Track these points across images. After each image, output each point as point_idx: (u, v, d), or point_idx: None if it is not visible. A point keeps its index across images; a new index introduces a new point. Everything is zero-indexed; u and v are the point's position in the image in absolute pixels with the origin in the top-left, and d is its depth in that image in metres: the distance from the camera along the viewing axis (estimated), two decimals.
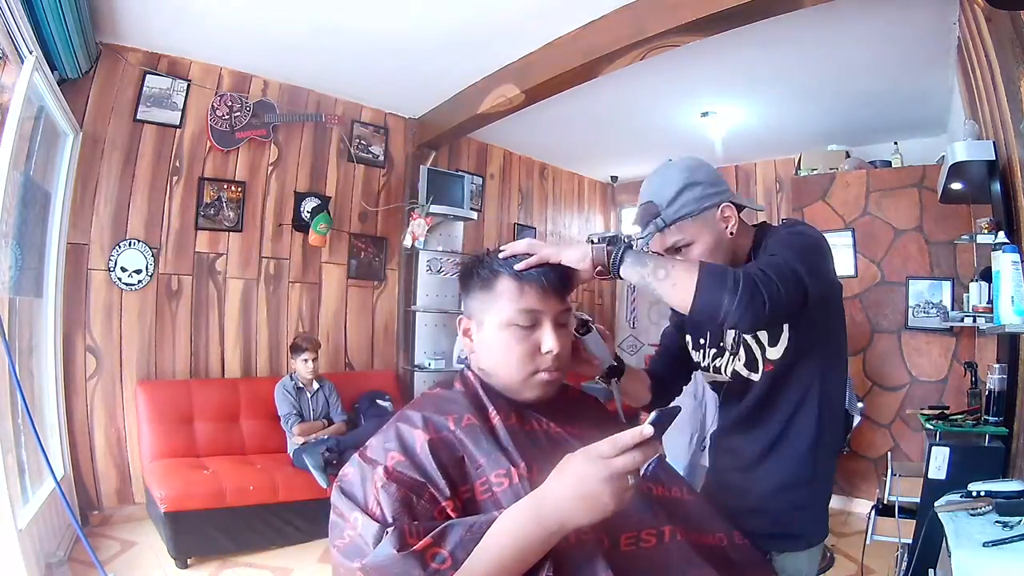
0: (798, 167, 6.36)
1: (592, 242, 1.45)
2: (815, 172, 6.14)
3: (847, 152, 6.19)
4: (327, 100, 5.85)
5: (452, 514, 1.13)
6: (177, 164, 5.04)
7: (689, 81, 5.20)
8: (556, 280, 1.37)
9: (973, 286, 3.61)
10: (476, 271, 1.41)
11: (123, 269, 4.78)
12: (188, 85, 5.06)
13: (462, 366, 1.46)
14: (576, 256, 1.42)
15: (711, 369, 1.86)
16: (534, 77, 4.80)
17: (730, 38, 3.85)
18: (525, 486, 1.14)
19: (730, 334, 1.76)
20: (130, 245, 4.81)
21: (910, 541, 3.01)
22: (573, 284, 1.43)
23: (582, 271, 1.43)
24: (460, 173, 6.53)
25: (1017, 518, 1.99)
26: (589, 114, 5.98)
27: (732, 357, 1.77)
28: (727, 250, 1.70)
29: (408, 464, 1.17)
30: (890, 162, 5.89)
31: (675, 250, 1.68)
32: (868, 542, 4.09)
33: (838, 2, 3.45)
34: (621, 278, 1.45)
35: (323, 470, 4.38)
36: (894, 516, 3.37)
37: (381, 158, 6.24)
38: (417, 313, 6.30)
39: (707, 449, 2.01)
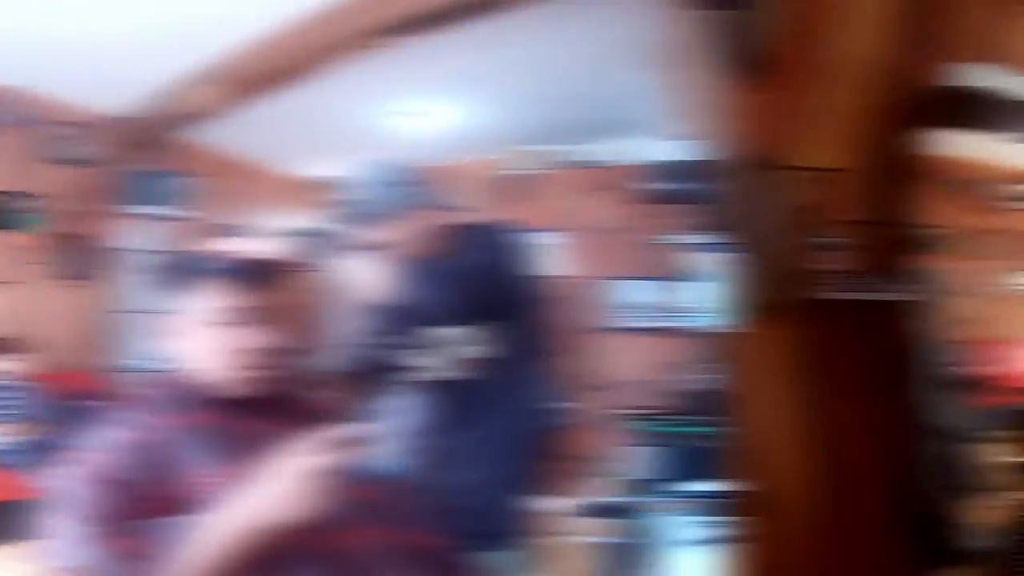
0: (505, 167, 6.50)
1: (295, 237, 1.37)
2: (523, 172, 6.31)
3: (556, 152, 6.36)
4: (33, 100, 5.50)
5: (159, 515, 1.11)
6: None
7: (396, 80, 5.23)
8: (259, 275, 1.34)
9: (678, 286, 3.73)
10: (179, 270, 1.39)
11: None
12: None
13: (170, 366, 1.39)
14: (278, 250, 1.42)
15: (414, 368, 1.89)
16: (241, 76, 4.75)
17: (438, 38, 3.90)
18: (231, 486, 1.13)
19: (431, 333, 1.81)
20: None
21: (614, 541, 3.05)
22: (276, 278, 1.39)
23: (284, 266, 1.41)
24: (168, 173, 6.34)
25: (719, 518, 2.03)
26: (299, 113, 5.89)
27: (433, 356, 1.82)
28: (428, 249, 1.76)
29: (115, 465, 1.15)
30: (598, 162, 6.13)
31: (376, 247, 1.74)
32: (572, 542, 4.14)
33: (547, 3, 3.56)
34: (322, 271, 1.52)
35: (30, 470, 4.07)
36: (598, 516, 3.42)
37: (89, 158, 5.91)
38: (125, 313, 6.05)
39: (411, 449, 2.03)
